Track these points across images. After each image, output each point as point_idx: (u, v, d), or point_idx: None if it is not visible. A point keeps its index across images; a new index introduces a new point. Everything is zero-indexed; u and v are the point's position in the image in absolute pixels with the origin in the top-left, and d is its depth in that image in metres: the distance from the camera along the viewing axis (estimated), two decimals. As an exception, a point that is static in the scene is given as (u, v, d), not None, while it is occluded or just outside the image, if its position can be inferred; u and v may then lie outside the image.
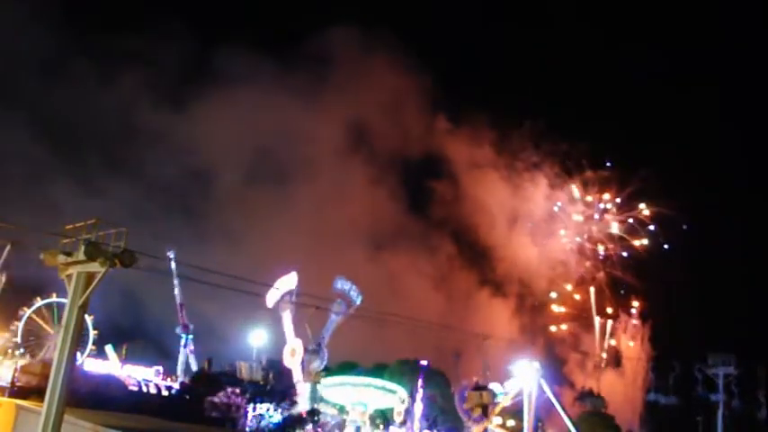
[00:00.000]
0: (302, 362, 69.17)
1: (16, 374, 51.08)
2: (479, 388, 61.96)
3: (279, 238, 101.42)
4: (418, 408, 71.13)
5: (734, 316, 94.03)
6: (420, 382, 70.87)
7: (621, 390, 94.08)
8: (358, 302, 69.62)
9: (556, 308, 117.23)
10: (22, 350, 68.95)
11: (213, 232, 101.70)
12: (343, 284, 70.60)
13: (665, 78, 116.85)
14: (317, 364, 68.96)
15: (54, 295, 69.80)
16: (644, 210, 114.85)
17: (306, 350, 70.81)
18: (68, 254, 25.16)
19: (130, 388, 60.86)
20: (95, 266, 24.21)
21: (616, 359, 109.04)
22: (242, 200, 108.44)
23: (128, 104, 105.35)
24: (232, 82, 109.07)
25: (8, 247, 53.70)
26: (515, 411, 71.82)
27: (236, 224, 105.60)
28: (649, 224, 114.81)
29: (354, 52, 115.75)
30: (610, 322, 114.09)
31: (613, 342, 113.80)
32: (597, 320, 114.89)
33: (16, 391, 47.42)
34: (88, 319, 66.78)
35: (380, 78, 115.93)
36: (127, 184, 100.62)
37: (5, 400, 44.20)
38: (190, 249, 77.53)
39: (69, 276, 25.35)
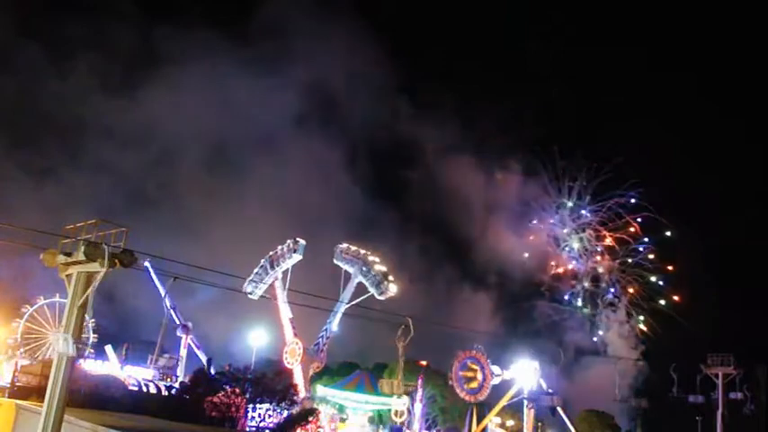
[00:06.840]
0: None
1: (16, 374, 51.08)
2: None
3: (240, 227, 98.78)
4: (418, 408, 71.04)
5: (733, 314, 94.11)
6: (420, 381, 70.81)
7: (613, 387, 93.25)
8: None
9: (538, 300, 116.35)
10: (22, 350, 69.01)
11: (173, 222, 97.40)
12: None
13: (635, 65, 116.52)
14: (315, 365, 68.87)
15: (57, 296, 69.83)
16: (622, 201, 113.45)
17: (306, 350, 71.05)
18: (68, 254, 25.25)
19: (130, 388, 60.82)
20: (95, 266, 24.30)
21: (596, 353, 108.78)
22: (201, 187, 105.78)
23: (77, 89, 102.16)
24: (184, 62, 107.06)
25: None
26: (515, 411, 71.93)
27: (196, 212, 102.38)
28: (630, 216, 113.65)
29: (312, 26, 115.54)
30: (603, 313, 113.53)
31: (597, 335, 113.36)
32: (582, 312, 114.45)
33: (16, 391, 47.43)
34: (89, 321, 66.75)
35: (339, 55, 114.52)
36: (79, 172, 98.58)
37: (5, 400, 44.23)
38: (151, 241, 74.57)
39: (69, 276, 25.45)
